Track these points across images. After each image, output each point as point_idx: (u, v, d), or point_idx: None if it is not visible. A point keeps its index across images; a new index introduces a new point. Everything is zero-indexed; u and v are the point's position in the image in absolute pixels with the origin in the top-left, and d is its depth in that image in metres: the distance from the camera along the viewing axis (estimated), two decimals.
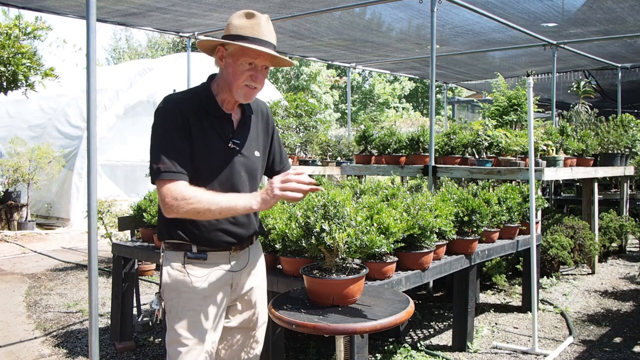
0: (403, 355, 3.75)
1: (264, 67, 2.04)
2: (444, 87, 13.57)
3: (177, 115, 2.00)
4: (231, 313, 2.20)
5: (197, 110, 2.04)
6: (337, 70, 25.87)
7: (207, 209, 1.90)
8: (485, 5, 5.99)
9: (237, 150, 2.09)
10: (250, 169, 2.14)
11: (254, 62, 2.00)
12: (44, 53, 24.78)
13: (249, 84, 2.02)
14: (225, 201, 1.92)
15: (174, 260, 2.08)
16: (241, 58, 2.00)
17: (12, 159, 10.25)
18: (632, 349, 4.01)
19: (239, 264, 2.16)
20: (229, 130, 2.10)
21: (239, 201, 1.93)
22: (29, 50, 5.61)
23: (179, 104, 2.03)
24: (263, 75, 2.05)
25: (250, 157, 2.14)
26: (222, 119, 2.08)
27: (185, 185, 1.94)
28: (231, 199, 1.94)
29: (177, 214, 1.93)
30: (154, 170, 1.96)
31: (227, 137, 2.08)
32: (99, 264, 6.52)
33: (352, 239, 2.08)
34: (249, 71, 2.01)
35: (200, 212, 1.91)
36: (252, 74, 2.01)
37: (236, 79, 2.01)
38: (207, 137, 2.03)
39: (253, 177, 2.16)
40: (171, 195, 1.91)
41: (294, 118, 7.86)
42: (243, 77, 2.01)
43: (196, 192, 1.93)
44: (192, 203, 1.90)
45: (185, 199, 1.90)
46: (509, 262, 5.85)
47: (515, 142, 5.53)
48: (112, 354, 3.95)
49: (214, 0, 5.78)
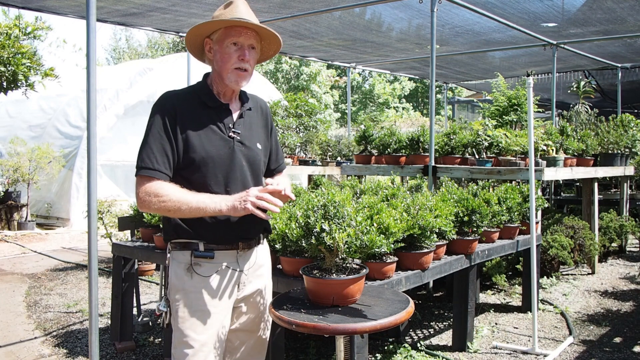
0: (403, 355, 3.75)
1: (250, 46, 2.06)
2: (444, 87, 13.57)
3: (168, 110, 2.02)
4: (236, 315, 2.19)
5: (194, 102, 2.06)
6: (337, 70, 25.87)
7: (177, 207, 1.94)
8: (485, 5, 5.99)
9: (237, 140, 2.10)
10: (252, 160, 2.14)
11: (238, 41, 2.03)
12: (44, 53, 24.79)
13: (238, 66, 2.04)
14: (195, 201, 1.94)
15: (180, 260, 2.08)
16: (226, 40, 2.03)
17: (12, 159, 10.24)
18: (632, 349, 4.01)
19: (246, 264, 2.16)
20: (229, 120, 2.11)
21: (209, 203, 1.95)
22: (29, 50, 5.61)
23: (173, 99, 2.05)
24: (251, 56, 2.07)
25: (252, 148, 2.14)
26: (220, 109, 2.10)
27: (160, 183, 1.97)
28: (201, 200, 1.95)
29: (149, 210, 1.98)
30: (136, 166, 2.01)
31: (226, 127, 2.09)
32: (99, 264, 6.52)
33: (352, 239, 2.08)
34: (236, 52, 2.03)
35: (170, 210, 1.95)
36: (240, 54, 2.03)
37: (225, 62, 2.03)
38: (205, 128, 2.04)
39: (256, 167, 2.16)
40: (144, 190, 1.95)
41: (294, 118, 7.85)
42: (231, 59, 2.03)
43: (169, 189, 1.95)
44: (164, 201, 1.93)
45: (158, 196, 1.94)
46: (509, 262, 5.85)
47: (515, 142, 5.53)
48: (112, 354, 3.95)
49: (214, 0, 5.78)
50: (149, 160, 1.98)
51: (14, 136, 10.87)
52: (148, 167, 1.97)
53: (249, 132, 2.15)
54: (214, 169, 2.04)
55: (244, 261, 2.15)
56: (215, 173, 2.04)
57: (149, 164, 1.97)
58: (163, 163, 1.99)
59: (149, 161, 1.97)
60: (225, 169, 2.06)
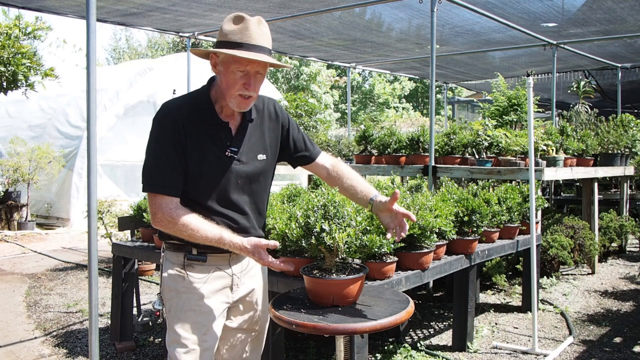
0: (403, 355, 3.75)
1: (257, 73, 1.96)
2: (444, 87, 13.56)
3: (173, 124, 1.96)
4: (233, 313, 2.20)
5: (194, 118, 2.00)
6: (337, 70, 25.87)
7: (193, 238, 1.95)
8: (485, 5, 5.99)
9: (234, 158, 2.05)
10: (250, 176, 2.10)
11: (246, 69, 1.93)
12: (44, 53, 24.77)
13: (242, 94, 1.96)
14: (215, 240, 1.95)
15: (173, 260, 2.08)
16: (232, 66, 1.93)
17: (12, 159, 10.24)
18: (632, 349, 4.01)
19: (239, 267, 2.16)
20: (227, 138, 2.05)
21: (226, 243, 1.95)
22: (29, 50, 5.61)
23: (175, 113, 1.99)
24: (257, 82, 1.98)
25: (250, 163, 2.09)
26: (219, 127, 2.03)
27: (176, 203, 1.96)
28: (220, 241, 1.95)
29: (163, 230, 1.99)
30: (146, 180, 1.98)
31: (224, 145, 2.03)
32: (99, 264, 6.52)
33: (352, 239, 2.08)
34: (241, 79, 1.94)
35: (185, 237, 1.96)
36: (245, 82, 1.94)
37: (229, 87, 1.95)
38: (203, 146, 2.00)
39: (255, 182, 2.12)
40: (161, 211, 1.94)
41: (294, 118, 7.86)
42: (236, 86, 1.94)
43: (188, 219, 1.94)
44: (180, 230, 1.94)
45: (174, 223, 1.93)
46: (509, 262, 5.85)
47: (515, 142, 5.53)
48: (112, 354, 3.95)
49: (214, 0, 5.78)
50: (161, 176, 1.95)
51: (14, 136, 10.87)
52: (160, 184, 1.94)
53: (248, 145, 2.10)
54: (207, 186, 2.02)
55: (236, 265, 2.14)
56: (208, 191, 2.02)
57: (161, 181, 1.95)
58: (174, 179, 1.96)
59: (161, 177, 1.95)
60: (221, 188, 2.03)
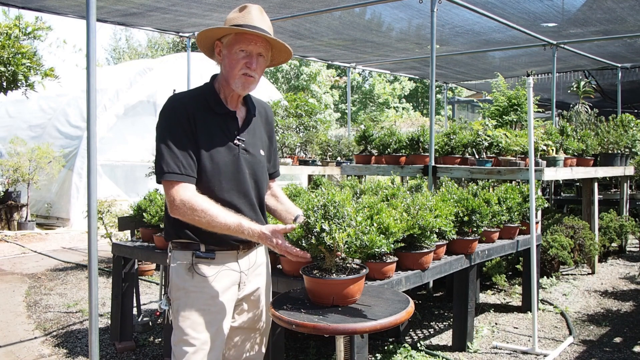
0: (403, 355, 3.75)
1: (258, 54, 2.08)
2: (444, 87, 13.57)
3: (183, 113, 2.02)
4: (237, 312, 2.21)
5: (203, 107, 2.07)
6: (337, 70, 25.86)
7: (212, 226, 1.96)
8: (485, 5, 5.99)
9: (242, 147, 2.11)
10: (255, 167, 2.15)
11: (247, 49, 2.05)
12: (44, 53, 24.76)
13: (245, 72, 2.05)
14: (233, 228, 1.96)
15: (181, 259, 2.09)
16: (235, 46, 2.05)
17: (12, 159, 10.24)
18: (632, 349, 4.01)
19: (247, 264, 2.18)
20: (234, 127, 2.12)
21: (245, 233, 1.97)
22: (29, 50, 5.62)
23: (185, 102, 2.06)
24: (259, 64, 2.09)
25: (255, 155, 2.16)
26: (227, 116, 2.11)
27: (193, 191, 1.97)
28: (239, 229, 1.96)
29: (182, 218, 1.98)
30: (161, 170, 1.98)
31: (232, 134, 2.10)
32: (99, 264, 6.52)
33: (352, 239, 2.08)
34: (244, 59, 2.05)
35: (203, 225, 1.96)
36: (247, 61, 2.05)
37: (232, 68, 2.05)
38: (212, 134, 2.06)
39: (259, 175, 2.17)
40: (180, 199, 1.95)
41: (294, 118, 7.86)
42: (239, 65, 2.05)
43: (206, 204, 1.95)
44: (199, 217, 1.94)
45: (194, 210, 1.94)
46: (509, 262, 5.85)
47: (515, 142, 5.53)
48: (112, 354, 3.95)
49: (214, 0, 5.78)
50: (177, 163, 1.97)
51: (14, 136, 10.87)
52: (175, 172, 1.96)
53: (253, 139, 2.17)
54: (219, 176, 2.05)
55: (244, 261, 2.17)
56: (220, 180, 2.05)
57: (177, 169, 1.96)
58: (189, 166, 1.99)
59: (176, 165, 1.96)
60: (230, 177, 2.07)
